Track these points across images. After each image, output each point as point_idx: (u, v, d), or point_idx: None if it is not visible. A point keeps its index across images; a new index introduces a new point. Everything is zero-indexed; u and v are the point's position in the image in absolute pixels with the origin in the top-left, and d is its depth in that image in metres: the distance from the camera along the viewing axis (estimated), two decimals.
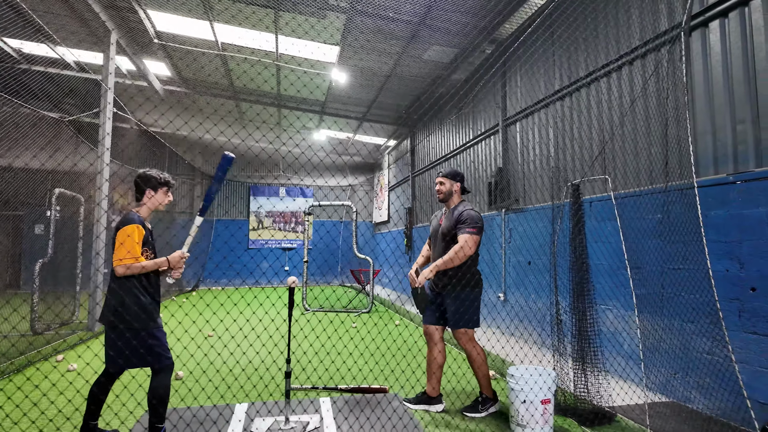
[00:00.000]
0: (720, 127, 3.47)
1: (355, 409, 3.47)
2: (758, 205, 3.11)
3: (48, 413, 3.31)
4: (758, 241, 3.10)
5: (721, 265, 3.33)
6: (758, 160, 3.19)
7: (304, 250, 9.00)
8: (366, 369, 4.63)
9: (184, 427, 3.03)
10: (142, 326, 2.60)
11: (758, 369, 3.06)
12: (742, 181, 3.24)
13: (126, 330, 2.58)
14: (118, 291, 2.60)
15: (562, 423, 3.25)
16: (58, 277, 6.87)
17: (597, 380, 3.32)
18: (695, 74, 3.69)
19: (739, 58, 3.35)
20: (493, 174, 7.04)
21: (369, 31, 6.80)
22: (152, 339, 2.63)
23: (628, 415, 3.29)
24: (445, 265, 3.31)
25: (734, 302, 3.23)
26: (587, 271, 3.37)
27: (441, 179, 3.60)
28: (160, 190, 2.84)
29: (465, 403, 3.65)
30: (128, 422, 3.22)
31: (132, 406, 3.49)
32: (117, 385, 3.91)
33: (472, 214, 3.40)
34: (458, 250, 3.30)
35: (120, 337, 2.58)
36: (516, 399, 3.06)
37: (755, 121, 3.22)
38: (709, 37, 3.60)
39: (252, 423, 3.18)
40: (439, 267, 3.32)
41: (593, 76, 4.83)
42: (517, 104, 6.48)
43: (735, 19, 3.40)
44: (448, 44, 7.09)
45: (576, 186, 3.54)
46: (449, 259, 3.30)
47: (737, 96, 3.36)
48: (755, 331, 3.09)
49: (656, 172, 3.91)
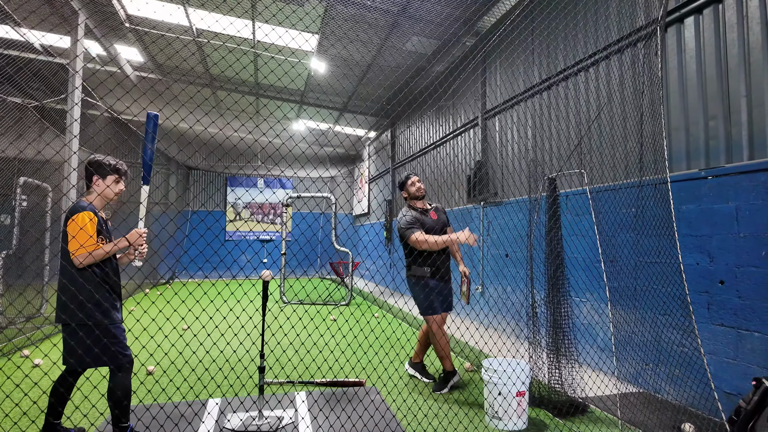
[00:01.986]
0: (693, 122, 3.52)
1: (331, 403, 3.44)
2: (728, 200, 3.18)
3: (12, 415, 3.18)
4: (727, 236, 3.17)
5: (692, 259, 3.40)
6: (729, 155, 3.25)
7: (282, 243, 8.89)
8: (344, 361, 4.60)
9: (155, 424, 2.94)
10: (95, 323, 2.46)
11: (725, 360, 3.14)
12: (712, 176, 3.30)
13: (79, 328, 2.44)
14: (70, 287, 2.46)
15: (536, 414, 3.28)
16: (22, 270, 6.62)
17: (570, 372, 3.36)
18: (670, 70, 3.74)
19: (713, 55, 3.39)
20: (472, 167, 7.05)
21: (349, 20, 6.68)
22: (108, 337, 2.49)
23: (600, 406, 3.35)
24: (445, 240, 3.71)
25: (703, 295, 3.31)
26: (562, 264, 3.40)
27: (418, 178, 4.00)
28: (109, 177, 2.64)
29: (448, 395, 3.66)
30: (98, 423, 3.12)
31: (103, 406, 3.38)
32: (86, 385, 3.79)
33: None
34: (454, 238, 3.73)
35: (72, 335, 2.45)
36: (491, 391, 3.07)
37: (726, 117, 3.28)
38: (684, 34, 3.64)
39: (225, 418, 3.11)
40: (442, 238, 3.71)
41: (571, 70, 4.85)
42: (496, 98, 6.48)
43: (709, 15, 3.44)
44: (429, 35, 7.03)
45: (552, 180, 3.55)
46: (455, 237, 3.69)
47: (710, 92, 3.41)
48: (722, 323, 3.17)
49: (631, 167, 3.96)
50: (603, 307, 4.15)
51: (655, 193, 3.52)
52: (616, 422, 3.09)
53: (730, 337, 3.12)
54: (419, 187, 3.90)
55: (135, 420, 2.99)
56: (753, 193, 3.02)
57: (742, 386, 2.99)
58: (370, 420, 3.04)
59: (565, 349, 3.34)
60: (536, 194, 4.00)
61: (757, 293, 2.96)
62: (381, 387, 3.88)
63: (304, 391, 3.76)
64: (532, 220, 3.66)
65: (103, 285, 2.54)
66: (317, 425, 3.03)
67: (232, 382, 3.95)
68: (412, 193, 3.91)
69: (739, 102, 3.19)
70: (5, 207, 6.69)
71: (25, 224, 6.50)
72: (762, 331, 2.92)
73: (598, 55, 4.47)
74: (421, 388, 3.85)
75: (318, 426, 3.01)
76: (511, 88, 6.05)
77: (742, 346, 3.03)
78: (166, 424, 2.93)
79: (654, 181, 3.57)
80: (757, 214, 2.99)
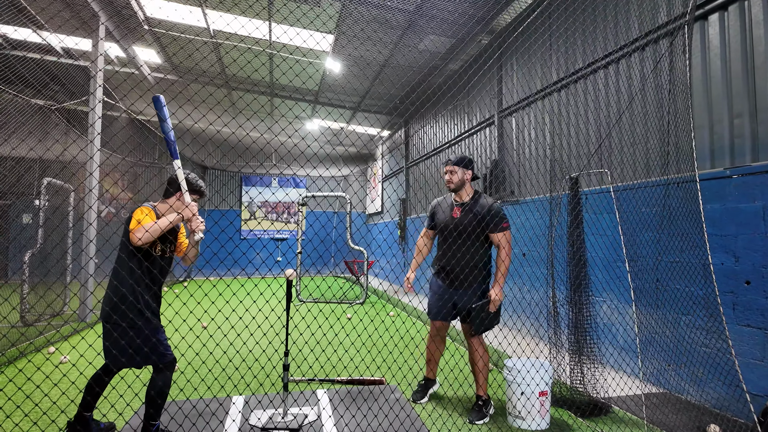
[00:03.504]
0: (717, 120, 3.48)
1: (351, 400, 3.48)
2: (754, 200, 3.14)
3: (42, 405, 3.27)
4: (753, 235, 3.13)
5: (717, 259, 3.36)
6: (755, 154, 3.20)
7: (297, 241, 8.95)
8: (360, 360, 4.64)
9: (183, 419, 3.01)
10: (145, 324, 2.54)
11: (751, 361, 3.10)
12: (738, 175, 3.26)
13: (129, 328, 2.51)
14: (120, 288, 2.53)
15: (558, 414, 3.28)
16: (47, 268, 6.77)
17: (593, 372, 3.35)
18: (694, 67, 3.69)
19: (738, 52, 3.35)
20: (488, 165, 7.03)
21: (364, 20, 6.70)
22: (156, 336, 2.57)
23: (623, 407, 3.33)
24: (506, 273, 3.18)
25: (729, 295, 3.27)
26: (585, 264, 3.39)
27: (451, 168, 3.34)
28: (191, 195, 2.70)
29: (467, 393, 3.67)
30: (126, 414, 3.20)
31: (129, 397, 3.45)
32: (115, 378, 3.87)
33: (498, 208, 3.26)
34: (508, 251, 3.18)
35: (122, 335, 2.52)
36: (513, 391, 3.08)
37: (753, 115, 3.23)
38: (708, 31, 3.60)
39: (250, 415, 3.16)
40: (503, 278, 3.16)
41: (591, 68, 4.82)
42: (513, 95, 6.45)
43: (734, 12, 3.39)
44: (444, 34, 7.01)
45: (575, 179, 3.54)
46: (505, 268, 3.17)
47: (735, 90, 3.36)
48: (749, 324, 3.13)
49: (653, 165, 3.92)
50: (623, 307, 4.12)
51: (680, 192, 3.48)
52: (639, 423, 3.08)
53: (756, 338, 3.08)
54: (446, 179, 3.38)
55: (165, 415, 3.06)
56: None
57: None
58: (394, 419, 3.07)
59: (587, 349, 3.33)
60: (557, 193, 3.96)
61: None
62: (405, 386, 3.91)
63: (326, 389, 3.80)
64: (553, 219, 3.64)
65: (152, 286, 2.62)
66: (341, 423, 3.06)
67: (258, 379, 4.00)
68: None
69: (766, 99, 3.14)
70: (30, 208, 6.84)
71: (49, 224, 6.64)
72: None
73: (619, 52, 4.43)
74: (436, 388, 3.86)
75: (341, 424, 3.05)
76: (528, 86, 6.02)
77: None
78: (194, 419, 2.99)
79: (680, 180, 3.53)
80: None
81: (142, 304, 2.55)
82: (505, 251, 3.18)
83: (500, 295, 3.17)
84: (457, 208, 3.35)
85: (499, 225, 3.21)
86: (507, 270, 3.20)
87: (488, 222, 3.21)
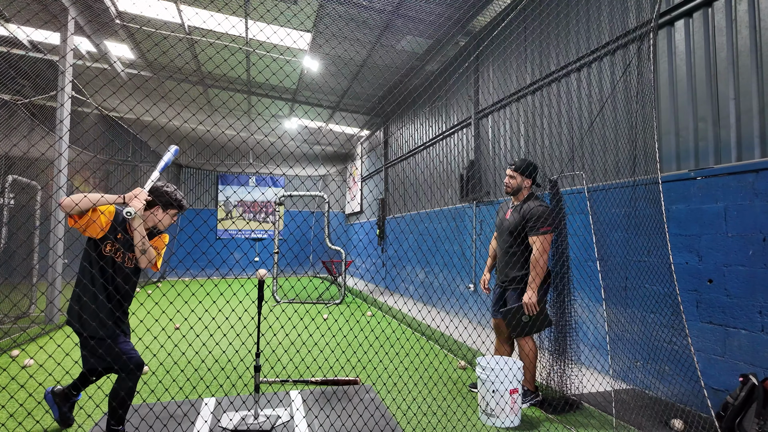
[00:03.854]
0: (683, 124, 3.59)
1: (325, 401, 3.46)
2: (717, 200, 3.25)
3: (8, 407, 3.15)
4: (716, 235, 3.24)
5: (682, 258, 3.47)
6: (717, 156, 3.32)
7: (275, 241, 8.87)
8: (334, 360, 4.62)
9: (154, 420, 2.94)
10: (107, 333, 2.50)
11: (712, 357, 3.21)
12: (702, 177, 3.37)
13: (90, 338, 2.48)
14: (83, 296, 2.47)
15: (530, 411, 3.33)
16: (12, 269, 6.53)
17: (564, 369, 3.41)
18: (661, 73, 3.80)
19: (702, 58, 3.46)
20: (465, 166, 7.09)
21: (341, 19, 6.68)
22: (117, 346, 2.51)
23: (593, 403, 3.41)
24: (539, 278, 3.21)
25: (692, 293, 3.38)
26: (568, 266, 3.46)
27: (512, 173, 3.45)
28: (171, 211, 2.69)
29: (441, 392, 3.69)
30: (95, 415, 3.11)
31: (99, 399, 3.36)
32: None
33: (541, 211, 3.27)
34: (538, 257, 3.21)
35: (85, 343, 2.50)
36: (484, 389, 3.12)
37: (715, 119, 3.35)
38: (674, 36, 3.71)
39: (222, 417, 3.12)
40: (536, 284, 3.21)
41: (564, 71, 4.91)
42: (489, 97, 6.53)
43: (699, 19, 3.50)
44: (422, 35, 7.05)
45: (554, 181, 3.61)
46: (539, 270, 3.21)
47: (699, 95, 3.48)
48: (711, 321, 3.24)
49: (623, 167, 4.02)
50: (594, 305, 4.21)
51: (646, 193, 3.59)
52: (609, 419, 3.15)
53: (718, 335, 3.19)
54: (505, 183, 3.51)
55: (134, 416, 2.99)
56: (741, 193, 3.09)
57: (729, 382, 3.07)
58: (369, 418, 3.06)
59: (559, 346, 3.39)
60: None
61: (744, 291, 3.04)
62: (380, 385, 3.91)
63: (299, 390, 3.77)
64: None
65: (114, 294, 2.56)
66: (314, 423, 3.04)
67: (223, 382, 3.94)
68: None
69: (728, 104, 3.26)
70: None
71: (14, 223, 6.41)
72: (749, 329, 2.99)
73: (591, 56, 4.53)
74: (411, 387, 3.88)
75: (315, 424, 3.03)
76: (505, 87, 6.10)
77: (730, 344, 3.11)
78: (165, 421, 2.93)
79: (645, 182, 3.64)
80: (745, 214, 3.06)
81: (105, 312, 2.49)
82: (535, 255, 3.23)
83: (533, 299, 3.19)
84: (510, 210, 3.52)
85: (535, 227, 3.26)
86: (539, 274, 3.21)
87: (526, 223, 3.31)
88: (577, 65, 4.71)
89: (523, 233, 3.34)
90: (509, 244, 3.42)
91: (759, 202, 2.98)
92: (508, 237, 3.42)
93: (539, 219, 3.26)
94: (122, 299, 2.59)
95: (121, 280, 2.58)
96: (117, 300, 2.57)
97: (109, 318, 2.51)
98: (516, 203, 3.50)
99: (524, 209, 3.36)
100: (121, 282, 2.58)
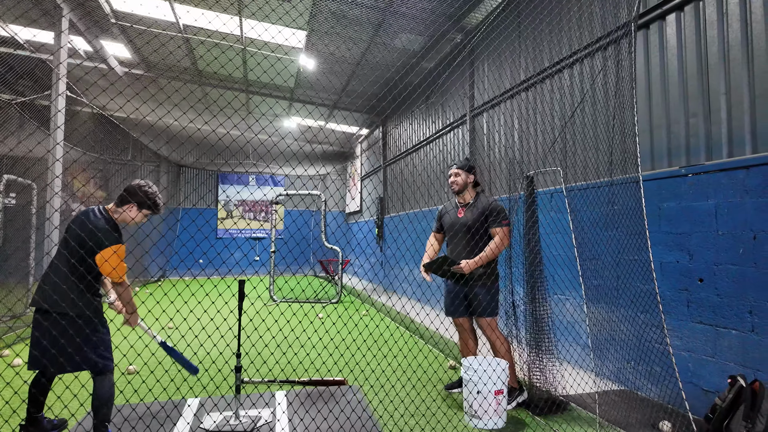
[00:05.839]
0: (674, 120, 3.52)
1: (309, 402, 3.42)
2: (707, 198, 3.18)
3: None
4: (707, 233, 3.17)
5: (672, 257, 3.40)
6: (708, 153, 3.25)
7: (271, 240, 8.85)
8: (327, 360, 4.58)
9: (137, 421, 2.92)
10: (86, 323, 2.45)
11: (703, 357, 3.14)
12: (692, 174, 3.30)
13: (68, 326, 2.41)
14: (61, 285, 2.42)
15: (516, 413, 3.28)
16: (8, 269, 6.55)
17: (550, 369, 3.35)
18: (653, 67, 3.73)
19: (693, 53, 3.39)
20: None
21: (336, 17, 6.64)
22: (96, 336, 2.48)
23: (580, 404, 3.35)
24: (487, 259, 3.32)
25: (683, 292, 3.31)
26: (540, 263, 3.40)
27: (456, 171, 3.57)
28: (144, 211, 2.71)
29: (431, 393, 3.64)
30: (79, 414, 3.08)
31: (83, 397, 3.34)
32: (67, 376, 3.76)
33: (501, 206, 3.43)
34: (499, 244, 3.33)
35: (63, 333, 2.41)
36: (467, 390, 3.07)
37: (707, 115, 3.27)
38: (666, 31, 3.63)
39: (204, 418, 3.09)
40: (483, 261, 3.31)
41: (555, 69, 4.84)
42: (484, 95, 6.46)
43: (690, 12, 3.43)
44: (417, 32, 6.99)
45: (530, 178, 3.54)
46: (492, 252, 3.32)
47: (691, 90, 3.40)
48: (701, 321, 3.17)
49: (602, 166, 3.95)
50: (582, 305, 4.15)
51: (629, 191, 3.51)
52: (595, 420, 3.09)
53: (708, 335, 3.12)
54: (451, 182, 3.62)
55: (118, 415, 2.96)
56: (732, 190, 3.02)
57: (720, 383, 3.00)
58: (346, 420, 3.02)
59: (545, 346, 3.33)
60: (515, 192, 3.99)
61: (734, 291, 2.97)
62: (368, 386, 3.86)
63: (286, 390, 3.74)
64: (511, 219, 3.64)
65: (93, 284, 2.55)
66: (294, 425, 3.01)
67: (207, 384, 3.92)
68: None
69: (719, 100, 3.19)
70: None
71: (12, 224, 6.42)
72: (739, 329, 2.92)
73: (581, 53, 4.46)
74: (398, 388, 3.83)
75: (295, 426, 2.99)
76: (499, 85, 6.03)
77: (720, 344, 3.04)
78: (148, 421, 2.90)
79: (625, 180, 3.57)
80: (736, 212, 2.99)
81: (83, 302, 2.45)
82: (498, 241, 3.35)
83: (471, 266, 3.30)
84: (462, 209, 3.58)
85: (498, 220, 3.38)
86: (489, 257, 3.32)
87: (487, 217, 3.41)
88: (567, 62, 4.64)
89: (483, 228, 3.41)
90: (467, 240, 3.44)
91: (749, 200, 2.91)
92: (465, 234, 3.46)
93: (501, 213, 3.39)
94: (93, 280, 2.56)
95: None
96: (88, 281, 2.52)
97: (80, 299, 2.46)
98: (467, 201, 3.58)
99: (483, 204, 3.47)
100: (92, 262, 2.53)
